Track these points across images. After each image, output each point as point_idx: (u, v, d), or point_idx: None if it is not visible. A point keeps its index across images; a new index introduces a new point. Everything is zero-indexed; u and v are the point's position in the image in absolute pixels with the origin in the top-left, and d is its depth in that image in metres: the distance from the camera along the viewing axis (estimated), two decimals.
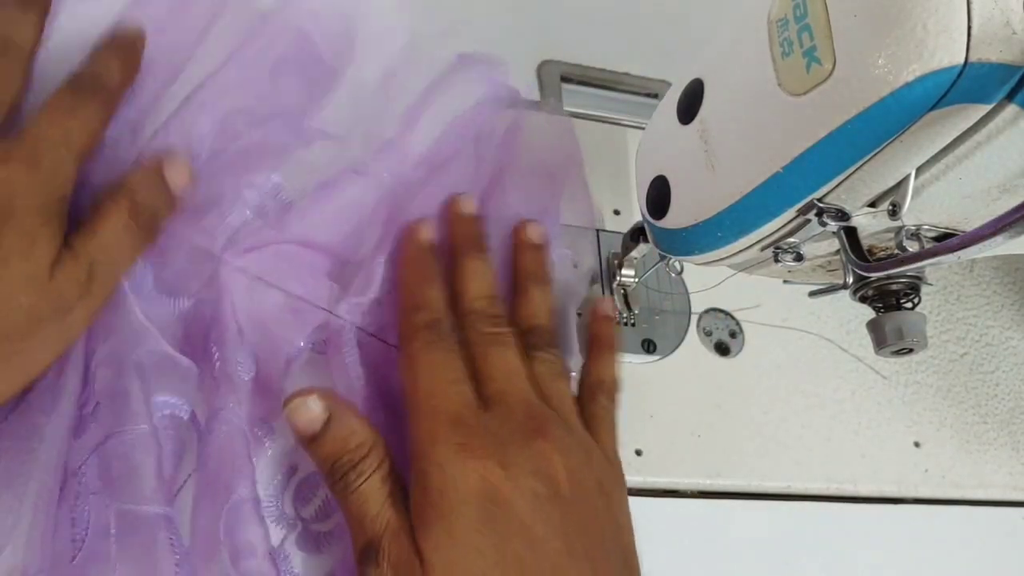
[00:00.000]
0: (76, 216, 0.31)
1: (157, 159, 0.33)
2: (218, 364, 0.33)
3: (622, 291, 0.45)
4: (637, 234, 0.42)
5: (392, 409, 0.36)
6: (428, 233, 0.38)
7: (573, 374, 0.40)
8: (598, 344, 0.41)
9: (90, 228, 0.31)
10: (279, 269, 0.36)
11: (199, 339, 0.35)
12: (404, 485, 0.33)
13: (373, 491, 0.31)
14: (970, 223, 0.30)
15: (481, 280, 0.38)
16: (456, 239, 0.39)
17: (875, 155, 0.26)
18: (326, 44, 0.40)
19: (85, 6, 0.36)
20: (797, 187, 0.28)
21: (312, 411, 0.32)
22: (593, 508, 0.33)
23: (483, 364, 0.35)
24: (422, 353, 0.34)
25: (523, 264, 0.40)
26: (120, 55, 0.34)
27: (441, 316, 0.35)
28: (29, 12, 0.33)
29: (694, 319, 0.47)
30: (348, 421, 0.32)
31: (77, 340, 0.32)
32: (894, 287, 0.32)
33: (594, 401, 0.38)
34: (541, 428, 0.33)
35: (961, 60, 0.23)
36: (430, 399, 0.33)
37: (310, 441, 0.32)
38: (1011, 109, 0.24)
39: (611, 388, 0.40)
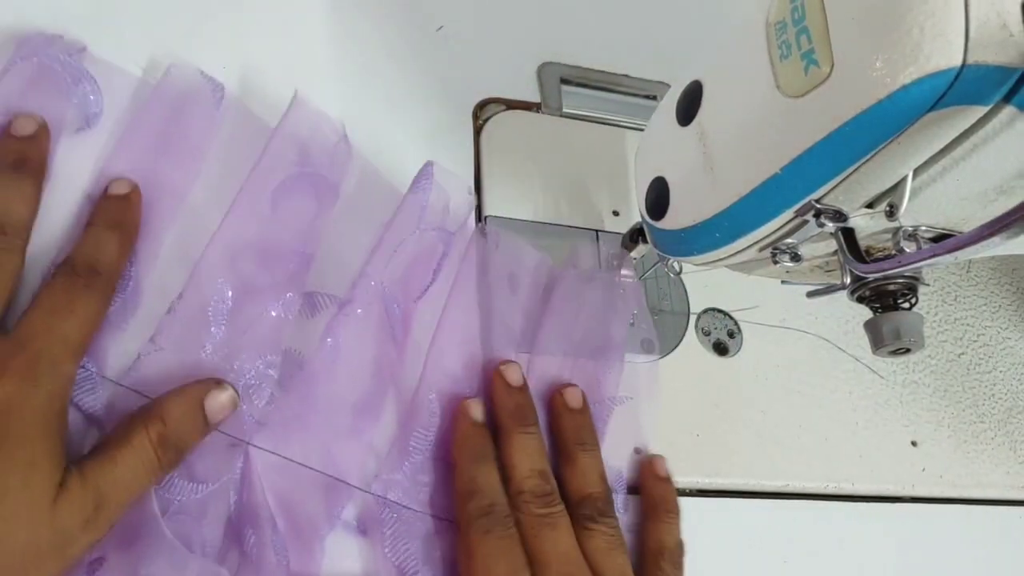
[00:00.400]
0: None
1: (201, 388, 0.33)
2: (254, 551, 0.33)
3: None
4: (636, 235, 0.42)
5: None
6: (478, 412, 0.38)
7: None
8: (655, 507, 0.41)
9: (109, 458, 0.29)
10: (308, 446, 0.36)
11: (220, 518, 0.34)
12: (364, 532, 0.34)
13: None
14: (967, 224, 0.30)
15: (531, 456, 0.37)
16: (502, 413, 0.39)
17: (873, 156, 0.26)
18: (324, 156, 0.40)
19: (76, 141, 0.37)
20: (795, 188, 0.28)
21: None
22: None
23: (537, 549, 0.35)
24: (479, 544, 0.34)
25: (567, 431, 0.40)
26: (115, 227, 0.34)
27: (495, 500, 0.36)
28: (24, 182, 0.33)
29: (693, 319, 0.48)
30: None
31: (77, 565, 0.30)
32: (891, 287, 0.33)
33: (657, 570, 0.39)
34: None
35: (958, 62, 0.23)
36: None
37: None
38: (1008, 111, 0.24)
39: (674, 554, 0.39)
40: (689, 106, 0.32)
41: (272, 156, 0.39)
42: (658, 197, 0.34)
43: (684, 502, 0.43)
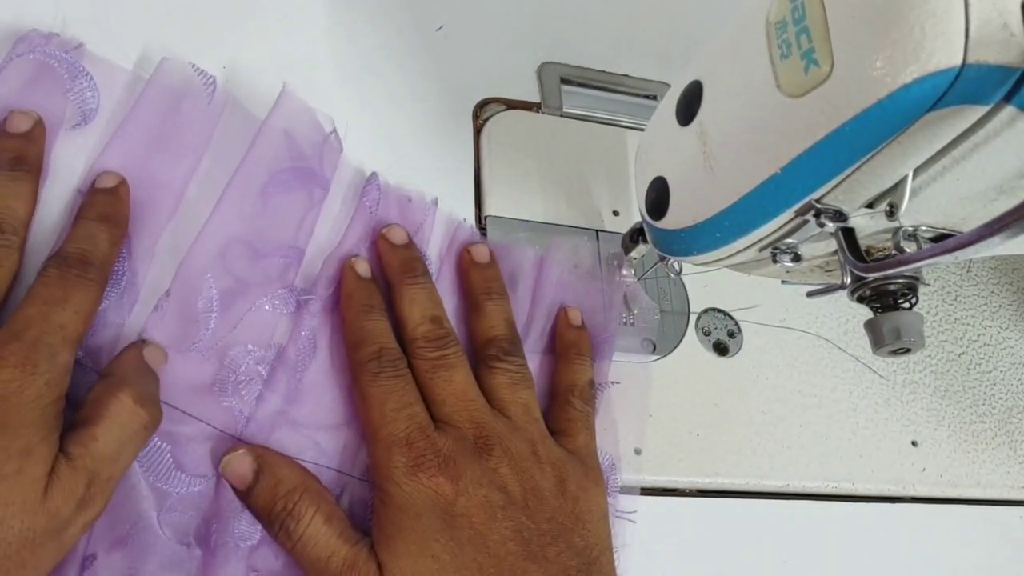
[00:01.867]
0: None
1: (135, 347, 0.33)
2: (214, 536, 0.33)
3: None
4: (636, 235, 0.42)
5: None
6: (364, 268, 0.39)
7: None
8: (566, 350, 0.42)
9: (90, 435, 0.29)
10: (299, 439, 0.36)
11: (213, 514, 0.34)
12: (353, 518, 0.35)
13: (318, 534, 0.32)
14: (968, 224, 0.30)
15: (421, 304, 0.38)
16: (389, 269, 0.39)
17: (873, 156, 0.26)
18: (312, 150, 0.41)
19: (73, 135, 0.37)
20: (795, 188, 0.28)
21: (243, 464, 0.33)
22: (549, 509, 0.35)
23: (431, 390, 0.36)
24: (370, 386, 0.35)
25: (474, 283, 0.41)
26: (104, 219, 0.34)
27: (384, 345, 0.36)
28: (21, 180, 0.33)
29: (693, 319, 0.48)
30: (277, 471, 0.33)
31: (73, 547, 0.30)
32: (891, 287, 0.32)
33: (567, 404, 0.40)
34: (488, 443, 0.35)
35: (959, 62, 0.23)
36: (381, 428, 0.34)
37: (246, 495, 0.33)
38: (1008, 111, 0.24)
39: (583, 390, 0.40)
40: (689, 106, 0.32)
41: (261, 150, 0.39)
42: (658, 197, 0.34)
43: (684, 503, 0.43)
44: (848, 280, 0.32)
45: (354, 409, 0.37)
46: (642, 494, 0.42)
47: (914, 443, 0.49)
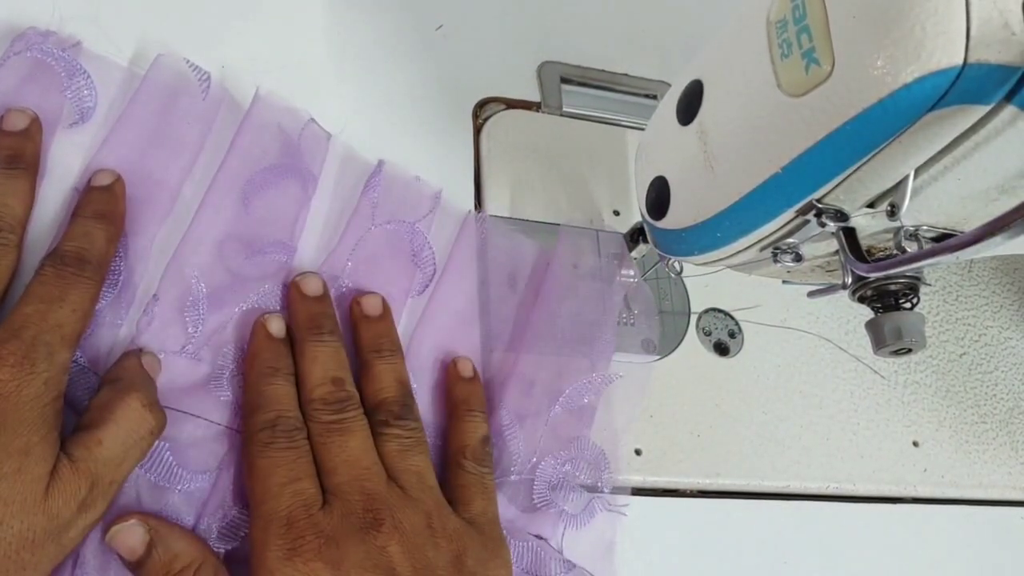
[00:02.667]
0: None
1: (133, 354, 0.33)
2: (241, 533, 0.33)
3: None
4: (637, 234, 0.42)
5: None
6: (276, 326, 0.36)
7: None
8: (456, 406, 0.39)
9: (95, 439, 0.29)
10: None
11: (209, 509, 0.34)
12: None
13: None
14: (969, 224, 0.30)
15: (323, 365, 0.35)
16: (295, 323, 0.36)
17: (874, 156, 0.26)
18: (304, 143, 0.41)
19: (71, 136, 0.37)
20: (796, 188, 0.28)
21: (133, 536, 0.30)
22: None
23: (324, 457, 0.33)
24: (258, 457, 0.32)
25: (364, 340, 0.38)
26: (100, 217, 0.34)
27: (282, 412, 0.33)
28: (18, 178, 0.33)
29: (693, 319, 0.48)
30: (172, 543, 0.31)
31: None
32: (893, 287, 0.32)
33: (460, 468, 0.37)
34: (378, 519, 0.32)
35: (960, 61, 0.23)
36: (263, 504, 0.31)
37: (135, 567, 0.30)
38: (1009, 110, 0.24)
39: (476, 450, 0.37)
40: (689, 105, 0.32)
41: (246, 147, 0.39)
42: (658, 196, 0.34)
43: (685, 503, 0.43)
44: (849, 280, 0.32)
45: None
46: (643, 495, 0.42)
47: (915, 444, 0.49)
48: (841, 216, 0.29)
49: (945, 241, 0.26)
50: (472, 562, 0.33)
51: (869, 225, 0.30)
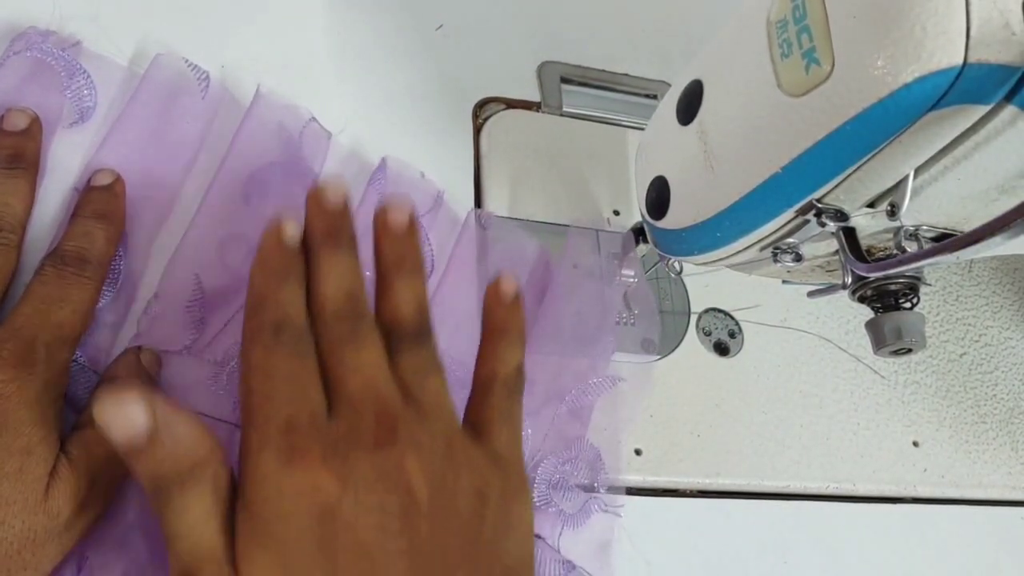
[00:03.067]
0: None
1: (131, 353, 0.33)
2: None
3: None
4: (637, 234, 0.42)
5: None
6: (293, 229, 0.30)
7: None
8: (491, 329, 0.33)
9: (94, 436, 0.29)
10: None
11: None
12: None
13: (195, 508, 0.25)
14: (969, 224, 0.30)
15: (337, 279, 0.30)
16: (310, 233, 0.31)
17: (874, 156, 0.26)
18: (305, 141, 0.41)
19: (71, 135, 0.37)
20: (796, 188, 0.28)
21: (133, 415, 0.25)
22: (461, 521, 0.28)
23: (333, 367, 0.28)
24: (262, 358, 0.27)
25: (383, 253, 0.32)
26: (100, 217, 0.34)
27: (291, 316, 0.28)
28: (18, 178, 0.33)
29: (693, 319, 0.47)
30: (179, 432, 0.26)
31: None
32: (893, 287, 0.32)
33: (487, 398, 0.32)
34: (393, 431, 0.27)
35: (960, 61, 0.23)
36: (263, 406, 0.26)
37: (131, 456, 0.25)
38: (1010, 110, 0.24)
39: (508, 381, 0.32)
40: (690, 105, 0.32)
41: (246, 145, 0.39)
42: (659, 196, 0.34)
43: (685, 503, 0.43)
44: (849, 280, 0.32)
45: None
46: (643, 495, 0.42)
47: (915, 443, 0.49)
48: (841, 216, 0.29)
49: (945, 241, 0.26)
50: (495, 495, 0.29)
51: (869, 225, 0.30)
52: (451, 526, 0.27)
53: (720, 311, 0.49)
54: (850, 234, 0.30)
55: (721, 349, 0.48)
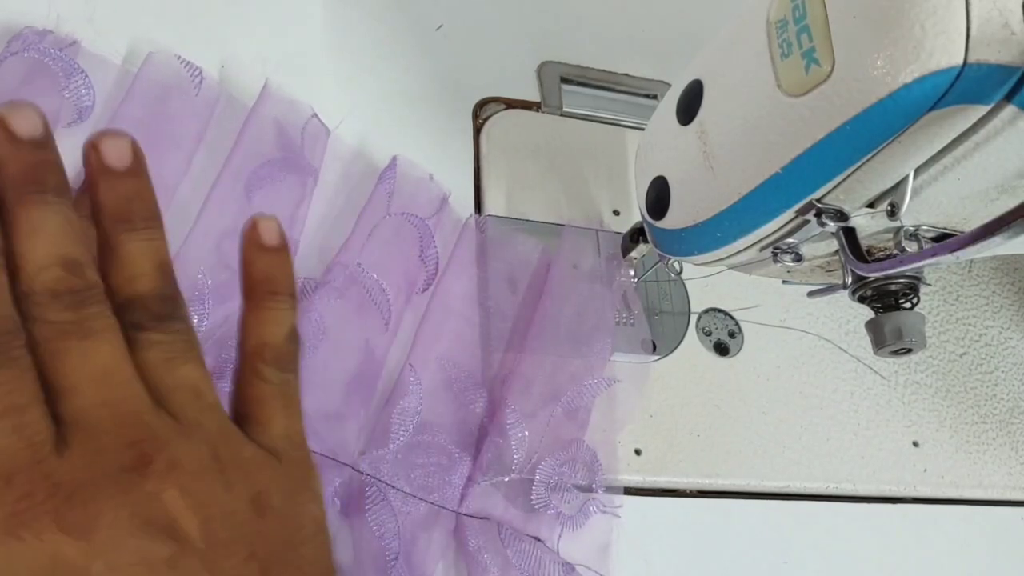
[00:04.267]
0: None
1: None
2: None
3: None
4: (637, 234, 0.42)
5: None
6: None
7: None
8: (254, 289, 0.27)
9: None
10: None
11: None
12: (349, 508, 0.27)
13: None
14: (969, 223, 0.30)
15: (50, 238, 0.23)
16: (5, 175, 0.23)
17: (874, 156, 0.26)
18: (303, 138, 0.41)
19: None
20: (796, 188, 0.28)
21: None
22: (244, 542, 0.23)
23: (58, 372, 0.22)
24: None
25: (105, 205, 0.25)
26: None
27: None
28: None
29: (693, 319, 0.47)
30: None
31: None
32: (893, 287, 0.32)
33: (256, 376, 0.26)
34: (143, 456, 0.22)
35: (960, 61, 0.23)
36: None
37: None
38: (1009, 110, 0.24)
39: (280, 353, 0.27)
40: (689, 105, 0.32)
41: (249, 142, 0.39)
42: (658, 196, 0.34)
43: (685, 503, 0.43)
44: (849, 280, 0.32)
45: (358, 400, 0.37)
46: (643, 495, 0.42)
47: (915, 444, 0.49)
48: (841, 216, 0.29)
49: (945, 241, 0.26)
50: (278, 499, 0.25)
51: (869, 225, 0.30)
52: (234, 553, 0.23)
53: (720, 311, 0.49)
54: (850, 234, 0.30)
55: (721, 349, 0.48)
